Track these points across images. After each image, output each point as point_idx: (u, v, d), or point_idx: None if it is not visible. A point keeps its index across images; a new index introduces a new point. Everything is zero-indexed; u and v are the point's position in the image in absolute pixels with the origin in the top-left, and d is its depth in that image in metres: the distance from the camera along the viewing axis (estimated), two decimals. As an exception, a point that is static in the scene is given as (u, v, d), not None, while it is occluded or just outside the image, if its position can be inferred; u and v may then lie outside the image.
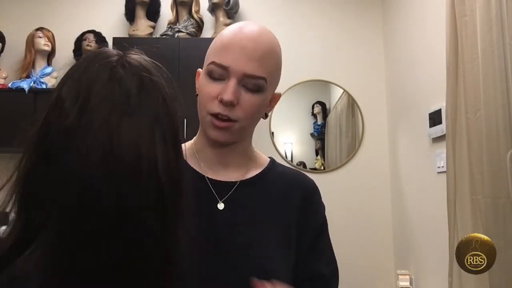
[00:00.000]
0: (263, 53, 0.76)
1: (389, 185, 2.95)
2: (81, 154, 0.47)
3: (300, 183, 0.87)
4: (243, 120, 0.77)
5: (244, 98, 0.76)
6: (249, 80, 0.76)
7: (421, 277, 2.50)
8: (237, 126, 0.77)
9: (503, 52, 1.58)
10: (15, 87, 2.67)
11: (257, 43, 0.77)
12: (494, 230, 1.54)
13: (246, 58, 0.75)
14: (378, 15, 3.13)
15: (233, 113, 0.75)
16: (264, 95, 0.79)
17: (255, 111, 0.78)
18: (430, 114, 2.30)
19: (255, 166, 0.86)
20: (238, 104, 0.75)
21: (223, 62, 0.75)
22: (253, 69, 0.75)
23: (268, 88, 0.79)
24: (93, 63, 0.53)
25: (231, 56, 0.75)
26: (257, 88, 0.77)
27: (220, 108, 0.75)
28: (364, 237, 2.86)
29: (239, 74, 0.75)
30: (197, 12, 2.92)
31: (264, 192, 0.84)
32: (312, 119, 3.07)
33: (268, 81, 0.78)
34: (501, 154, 1.55)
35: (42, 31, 2.79)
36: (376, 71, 3.07)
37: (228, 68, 0.75)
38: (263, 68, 0.76)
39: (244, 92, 0.76)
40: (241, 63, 0.75)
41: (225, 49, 0.76)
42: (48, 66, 2.82)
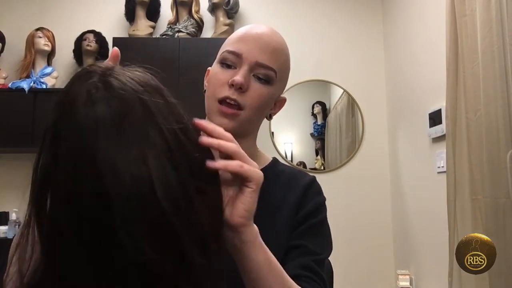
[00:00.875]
0: (275, 48, 0.80)
1: (389, 185, 2.95)
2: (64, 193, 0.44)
3: (299, 180, 0.87)
4: (249, 110, 0.78)
5: (253, 87, 0.78)
6: (260, 70, 0.79)
7: (421, 277, 2.50)
8: (243, 115, 0.78)
9: (503, 52, 1.58)
10: (15, 87, 2.67)
11: (271, 38, 0.81)
12: (494, 230, 1.55)
13: (259, 48, 0.79)
14: (378, 15, 3.13)
15: (242, 99, 0.77)
16: (272, 88, 0.81)
17: (262, 102, 0.80)
18: (430, 114, 2.30)
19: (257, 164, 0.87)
20: (247, 91, 0.77)
21: (237, 49, 0.79)
22: (265, 59, 0.78)
23: (276, 82, 0.81)
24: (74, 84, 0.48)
25: (246, 45, 0.79)
26: (267, 78, 0.79)
27: (229, 92, 0.77)
28: (364, 237, 2.86)
29: (252, 61, 0.78)
30: (197, 12, 2.92)
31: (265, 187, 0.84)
32: (312, 119, 3.07)
33: (278, 75, 0.81)
34: (501, 154, 1.55)
35: (42, 31, 2.79)
36: (376, 71, 3.07)
37: (241, 56, 0.78)
38: (274, 61, 0.80)
39: (253, 81, 0.79)
40: (255, 52, 0.78)
41: (240, 39, 0.80)
42: (48, 66, 2.82)
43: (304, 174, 0.90)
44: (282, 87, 0.86)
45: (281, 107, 0.89)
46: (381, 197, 2.94)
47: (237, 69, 0.78)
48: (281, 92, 0.86)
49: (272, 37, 0.81)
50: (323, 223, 0.85)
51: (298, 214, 0.82)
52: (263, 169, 0.84)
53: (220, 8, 2.91)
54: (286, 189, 0.85)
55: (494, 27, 1.60)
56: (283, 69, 0.83)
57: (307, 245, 0.79)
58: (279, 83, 0.83)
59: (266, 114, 0.85)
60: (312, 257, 0.78)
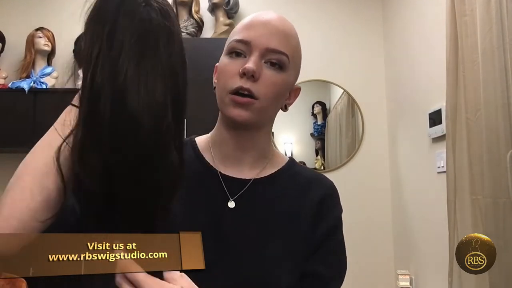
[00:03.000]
0: (286, 32, 0.76)
1: (389, 185, 2.95)
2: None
3: (317, 185, 0.82)
4: (263, 99, 0.73)
5: (266, 74, 0.73)
6: (272, 55, 0.74)
7: (421, 277, 2.50)
8: (258, 105, 0.73)
9: (503, 52, 1.58)
10: (15, 87, 2.67)
11: (280, 22, 0.77)
12: (494, 230, 1.55)
13: (269, 33, 0.74)
14: (378, 15, 3.13)
15: (254, 88, 0.72)
16: (286, 75, 0.76)
17: (277, 91, 0.75)
18: (430, 114, 2.30)
19: (271, 165, 0.82)
20: (260, 79, 0.73)
21: (245, 37, 0.74)
22: (276, 44, 0.74)
23: (290, 68, 0.76)
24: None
25: (254, 32, 0.74)
26: (280, 64, 0.74)
27: (241, 81, 0.72)
28: (364, 237, 2.86)
29: (262, 48, 0.73)
30: (197, 12, 2.92)
31: (279, 192, 0.80)
32: (312, 119, 3.07)
33: (290, 61, 0.76)
34: (501, 154, 1.55)
35: (42, 31, 2.79)
36: (376, 71, 3.07)
37: (250, 43, 0.74)
38: (286, 45, 0.75)
39: (266, 69, 0.74)
40: (264, 37, 0.74)
41: (248, 26, 0.76)
42: (48, 66, 2.82)
43: (324, 178, 0.86)
44: (296, 75, 0.81)
45: (296, 97, 0.84)
46: (381, 197, 2.94)
47: (247, 58, 0.74)
48: (295, 80, 0.81)
49: (281, 21, 0.77)
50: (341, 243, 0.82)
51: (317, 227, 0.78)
52: (279, 170, 0.82)
53: (220, 8, 2.91)
54: (304, 193, 0.80)
55: (494, 27, 1.60)
56: (295, 54, 0.78)
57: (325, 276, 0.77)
58: (293, 70, 0.78)
59: (282, 104, 0.80)
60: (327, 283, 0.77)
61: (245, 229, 0.75)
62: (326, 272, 0.77)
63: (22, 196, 0.53)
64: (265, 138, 0.82)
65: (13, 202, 0.54)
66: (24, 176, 0.55)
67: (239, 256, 0.73)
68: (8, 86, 2.71)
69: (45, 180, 0.54)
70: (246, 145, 0.79)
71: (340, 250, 0.82)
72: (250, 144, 0.79)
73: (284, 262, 0.74)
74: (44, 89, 2.70)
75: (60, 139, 0.54)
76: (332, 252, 0.80)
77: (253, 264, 0.73)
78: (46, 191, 0.54)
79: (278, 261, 0.74)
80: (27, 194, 0.53)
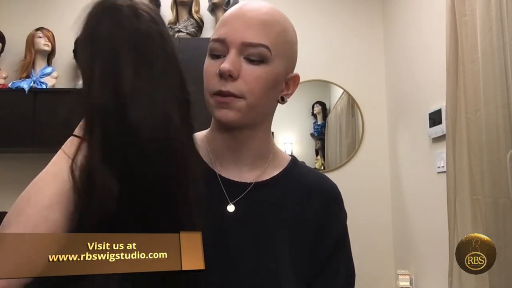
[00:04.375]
0: (263, 21, 0.70)
1: (389, 185, 2.95)
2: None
3: (321, 189, 0.78)
4: (249, 96, 0.68)
5: (245, 70, 0.68)
6: (250, 50, 0.68)
7: (421, 277, 2.50)
8: (244, 103, 0.69)
9: (503, 52, 1.58)
10: (15, 87, 2.67)
11: (257, 11, 0.71)
12: (494, 230, 1.55)
13: (243, 26, 0.69)
14: (378, 15, 3.13)
15: (235, 87, 0.68)
16: (269, 67, 0.70)
17: (261, 85, 0.69)
18: (430, 114, 2.30)
19: (273, 166, 0.78)
20: (240, 77, 0.68)
21: (221, 35, 0.70)
22: (252, 36, 0.68)
23: (274, 58, 0.70)
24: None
25: (229, 27, 0.70)
26: (260, 58, 0.69)
27: (220, 83, 0.68)
28: (364, 237, 2.86)
29: (237, 43, 0.68)
30: (197, 12, 2.92)
31: (281, 196, 0.76)
32: (312, 119, 3.07)
33: (273, 51, 0.69)
34: (501, 154, 1.55)
35: (42, 31, 2.79)
36: (376, 71, 3.07)
37: (225, 40, 0.69)
38: (264, 35, 0.69)
39: (245, 64, 0.69)
40: (239, 32, 0.69)
41: (223, 23, 0.71)
42: (48, 66, 2.82)
43: (327, 180, 0.82)
44: (287, 63, 0.74)
45: (295, 86, 0.78)
46: (381, 197, 2.94)
47: (226, 57, 0.69)
48: (289, 69, 0.75)
49: (259, 10, 0.71)
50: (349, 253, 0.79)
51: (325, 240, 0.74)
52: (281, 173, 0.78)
53: (220, 8, 2.91)
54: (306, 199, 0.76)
55: (494, 27, 1.60)
56: (280, 41, 0.71)
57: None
58: (279, 59, 0.71)
59: (276, 97, 0.75)
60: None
61: (245, 234, 0.71)
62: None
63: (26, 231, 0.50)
64: (263, 136, 0.77)
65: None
66: (26, 210, 0.52)
67: (239, 262, 0.70)
68: (8, 86, 2.71)
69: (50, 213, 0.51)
70: (241, 146, 0.75)
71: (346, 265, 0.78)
72: (245, 144, 0.75)
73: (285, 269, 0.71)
74: (44, 89, 2.70)
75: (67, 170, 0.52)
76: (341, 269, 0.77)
77: (253, 271, 0.70)
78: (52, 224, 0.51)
79: (279, 269, 0.71)
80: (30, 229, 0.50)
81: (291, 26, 0.75)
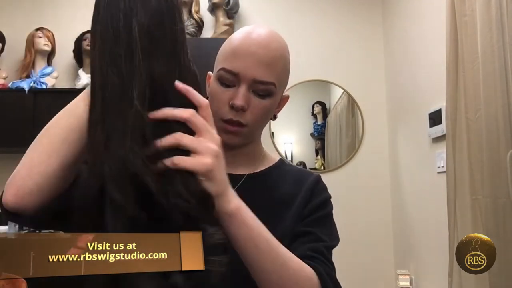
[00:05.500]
0: (272, 59, 0.79)
1: (389, 185, 2.95)
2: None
3: (305, 177, 0.88)
4: (252, 124, 0.80)
5: (254, 103, 0.79)
6: (259, 86, 0.78)
7: (421, 277, 2.50)
8: (247, 130, 0.81)
9: (503, 52, 1.58)
10: (15, 87, 2.67)
11: (266, 49, 0.79)
12: (494, 230, 1.55)
13: (255, 64, 0.77)
14: (378, 15, 3.13)
15: (244, 118, 0.79)
16: (273, 99, 0.82)
17: (264, 115, 0.82)
18: (430, 114, 2.30)
19: (263, 164, 0.90)
20: (248, 109, 0.79)
21: (233, 68, 0.78)
22: (262, 75, 0.78)
23: (277, 92, 0.82)
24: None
25: (241, 63, 0.78)
26: (267, 93, 0.80)
27: (231, 113, 0.78)
28: (364, 237, 2.86)
29: (249, 80, 0.78)
30: (197, 12, 2.92)
31: (272, 184, 0.87)
32: (312, 119, 3.07)
33: (277, 86, 0.81)
34: (501, 154, 1.55)
35: (42, 31, 2.79)
36: (376, 71, 3.07)
37: (238, 75, 0.78)
38: (272, 73, 0.79)
39: (253, 97, 0.79)
40: (251, 69, 0.77)
41: (235, 55, 0.79)
42: (48, 66, 2.82)
43: (310, 172, 0.92)
44: (283, 89, 0.86)
45: (284, 104, 0.90)
46: (381, 197, 2.94)
47: (236, 87, 0.78)
48: (282, 93, 0.87)
49: (268, 47, 0.79)
50: (329, 216, 0.86)
51: (306, 208, 0.83)
52: (270, 167, 0.89)
53: (220, 8, 2.91)
54: (293, 185, 0.86)
55: (494, 27, 1.60)
56: (282, 75, 0.83)
57: (316, 233, 0.79)
58: (280, 90, 0.83)
59: (270, 117, 0.87)
60: (322, 243, 0.78)
61: None
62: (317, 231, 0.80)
63: (40, 160, 0.57)
64: (255, 145, 0.89)
65: (31, 164, 0.57)
66: (43, 140, 0.58)
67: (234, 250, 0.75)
68: (8, 86, 2.71)
69: (62, 146, 0.56)
70: (236, 152, 0.86)
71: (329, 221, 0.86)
72: (240, 152, 0.86)
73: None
74: (44, 89, 2.70)
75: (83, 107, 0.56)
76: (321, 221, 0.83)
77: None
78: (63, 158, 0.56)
79: None
80: (44, 158, 0.56)
81: (288, 51, 0.85)
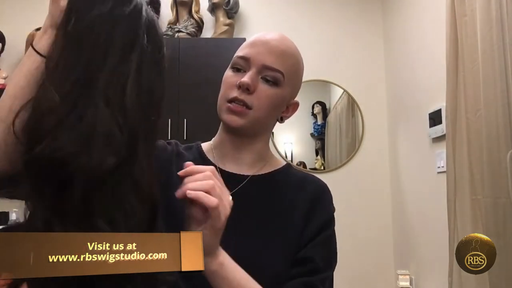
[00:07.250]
0: (283, 51, 0.84)
1: (389, 185, 2.95)
2: None
3: (311, 184, 0.89)
4: (257, 110, 0.82)
5: (260, 88, 0.83)
6: (267, 72, 0.83)
7: (421, 277, 2.50)
8: (251, 114, 0.82)
9: (503, 52, 1.58)
10: (15, 87, 2.67)
11: (279, 42, 0.85)
12: (494, 230, 1.55)
13: (267, 51, 0.83)
14: (378, 15, 3.13)
15: (249, 99, 0.82)
16: (280, 90, 0.84)
17: (269, 103, 0.84)
18: (430, 114, 2.30)
19: (269, 166, 0.91)
20: (255, 92, 0.82)
21: (246, 54, 0.84)
22: (272, 61, 0.83)
23: (285, 84, 0.84)
24: None
25: (254, 50, 0.84)
26: (274, 80, 0.83)
27: (237, 93, 0.82)
28: (364, 237, 2.86)
29: (259, 64, 0.82)
30: (197, 12, 2.92)
31: (275, 189, 0.88)
32: (312, 119, 3.07)
33: (286, 77, 0.84)
34: (501, 154, 1.55)
35: (42, 31, 2.79)
36: (376, 71, 3.07)
37: (249, 59, 0.83)
38: (282, 63, 0.83)
39: (261, 83, 0.83)
40: (262, 55, 0.83)
41: (250, 45, 0.85)
42: (48, 66, 2.82)
43: (317, 178, 0.93)
44: (293, 91, 0.89)
45: (294, 111, 0.92)
46: (381, 197, 2.94)
47: (246, 72, 0.83)
48: (293, 96, 0.90)
49: (281, 41, 0.85)
50: (333, 235, 0.87)
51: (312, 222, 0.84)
52: (276, 170, 0.91)
53: (220, 8, 2.91)
54: (298, 190, 0.87)
55: (494, 27, 1.60)
56: (292, 72, 0.86)
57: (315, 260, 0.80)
58: (289, 86, 0.86)
59: (277, 116, 0.89)
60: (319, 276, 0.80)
61: (241, 221, 0.78)
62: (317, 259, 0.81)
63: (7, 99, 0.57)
64: (262, 144, 0.90)
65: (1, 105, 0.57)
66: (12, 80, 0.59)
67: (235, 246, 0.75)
68: (8, 86, 2.71)
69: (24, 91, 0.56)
70: (243, 148, 0.88)
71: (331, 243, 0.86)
72: (247, 147, 0.88)
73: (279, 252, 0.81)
74: (44, 89, 2.69)
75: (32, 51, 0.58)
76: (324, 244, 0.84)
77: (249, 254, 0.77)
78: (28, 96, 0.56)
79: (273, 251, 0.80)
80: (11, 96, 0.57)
81: (302, 61, 0.91)
